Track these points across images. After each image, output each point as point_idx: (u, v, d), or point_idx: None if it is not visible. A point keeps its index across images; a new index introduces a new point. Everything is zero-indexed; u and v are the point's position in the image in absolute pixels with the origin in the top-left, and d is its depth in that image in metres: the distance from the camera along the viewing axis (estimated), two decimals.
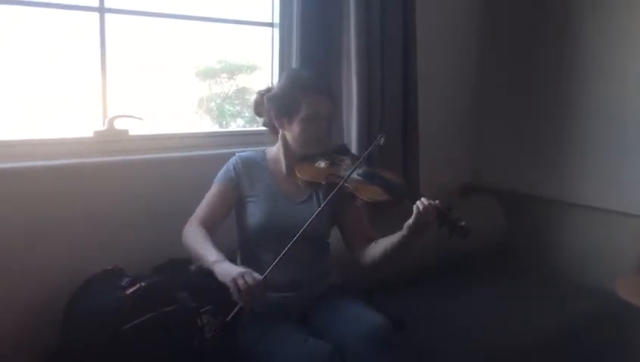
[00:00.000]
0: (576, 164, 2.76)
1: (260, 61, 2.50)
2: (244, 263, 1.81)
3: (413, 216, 1.61)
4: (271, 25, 2.40)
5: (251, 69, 2.54)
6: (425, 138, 2.62)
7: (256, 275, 1.57)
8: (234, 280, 1.54)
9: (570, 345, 2.17)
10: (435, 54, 2.82)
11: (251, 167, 1.87)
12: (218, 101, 2.52)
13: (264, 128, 1.97)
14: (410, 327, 1.88)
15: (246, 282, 1.53)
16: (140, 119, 2.08)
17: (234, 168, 1.86)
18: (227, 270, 1.59)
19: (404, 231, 1.65)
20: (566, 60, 2.76)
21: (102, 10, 1.99)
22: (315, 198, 1.86)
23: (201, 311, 1.72)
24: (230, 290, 1.56)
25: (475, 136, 3.18)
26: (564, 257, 2.75)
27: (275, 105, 1.84)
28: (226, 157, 1.91)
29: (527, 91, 2.93)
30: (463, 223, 1.62)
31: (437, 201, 1.62)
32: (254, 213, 1.82)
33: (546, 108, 2.86)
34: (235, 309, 1.59)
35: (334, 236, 1.94)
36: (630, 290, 2.16)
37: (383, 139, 1.76)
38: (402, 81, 2.48)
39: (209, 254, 1.66)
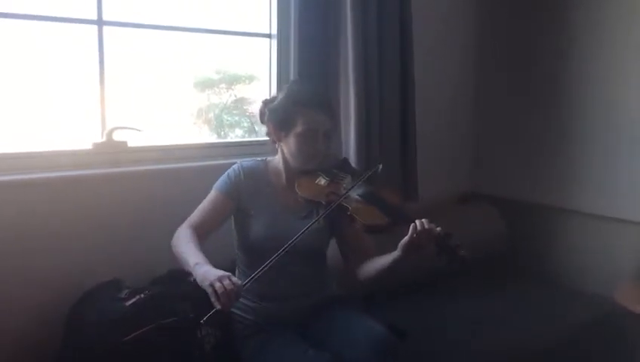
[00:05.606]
0: (575, 172, 2.77)
1: (258, 71, 2.51)
2: (242, 274, 1.81)
3: (408, 236, 1.61)
4: (269, 36, 2.41)
5: (249, 79, 2.55)
6: (424, 147, 2.63)
7: (235, 279, 1.53)
8: (211, 284, 1.51)
9: (570, 352, 2.17)
10: (434, 63, 2.84)
11: (253, 178, 1.85)
12: (217, 111, 2.53)
13: (263, 138, 1.97)
14: (410, 336, 1.88)
15: (223, 286, 1.49)
16: (139, 130, 2.09)
17: (235, 178, 1.84)
18: (207, 273, 1.55)
19: (398, 251, 1.65)
20: (567, 69, 2.76)
21: (100, 22, 2.00)
22: (315, 215, 1.82)
23: (201, 322, 1.72)
24: (208, 293, 1.52)
25: (474, 145, 3.19)
26: (563, 264, 2.75)
27: (274, 118, 1.83)
28: (225, 167, 1.90)
29: (525, 100, 2.94)
30: (462, 252, 1.60)
31: (437, 227, 1.61)
32: (255, 227, 1.80)
33: (544, 118, 2.86)
34: (211, 312, 1.53)
35: (333, 247, 1.94)
36: (628, 297, 2.16)
37: (380, 167, 1.77)
38: (400, 90, 2.49)
39: (192, 257, 1.62)
